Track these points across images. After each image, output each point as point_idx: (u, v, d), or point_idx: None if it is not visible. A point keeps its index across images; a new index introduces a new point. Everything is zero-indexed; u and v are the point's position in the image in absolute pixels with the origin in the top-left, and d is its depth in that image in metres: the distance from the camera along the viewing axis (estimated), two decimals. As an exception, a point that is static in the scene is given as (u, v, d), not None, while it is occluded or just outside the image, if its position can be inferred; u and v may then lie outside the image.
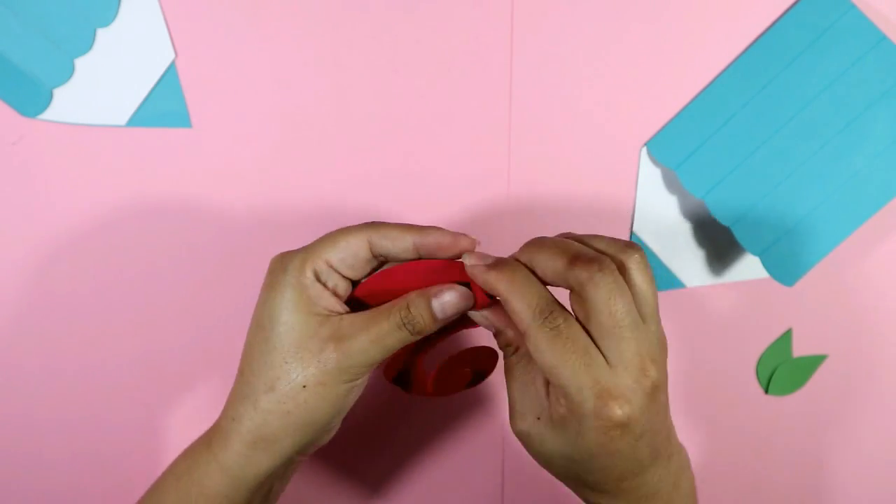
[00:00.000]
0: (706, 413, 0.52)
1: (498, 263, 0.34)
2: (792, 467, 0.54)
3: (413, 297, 0.35)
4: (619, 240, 0.34)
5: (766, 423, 0.53)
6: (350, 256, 0.35)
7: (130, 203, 0.44)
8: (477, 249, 0.35)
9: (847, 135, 0.45)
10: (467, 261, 0.34)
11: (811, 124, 0.45)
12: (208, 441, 0.37)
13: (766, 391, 0.52)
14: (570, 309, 0.33)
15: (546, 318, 0.32)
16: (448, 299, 0.34)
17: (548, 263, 0.33)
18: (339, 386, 0.34)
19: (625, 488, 0.34)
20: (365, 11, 0.42)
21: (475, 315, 0.36)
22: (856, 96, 0.44)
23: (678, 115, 0.46)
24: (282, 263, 0.35)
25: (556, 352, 0.31)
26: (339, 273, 0.35)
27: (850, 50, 0.44)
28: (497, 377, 0.50)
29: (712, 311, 0.50)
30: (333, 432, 0.38)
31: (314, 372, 0.34)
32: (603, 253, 0.33)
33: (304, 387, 0.34)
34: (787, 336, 0.51)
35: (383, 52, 0.43)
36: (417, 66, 0.44)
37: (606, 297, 0.31)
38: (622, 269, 0.33)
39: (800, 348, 0.51)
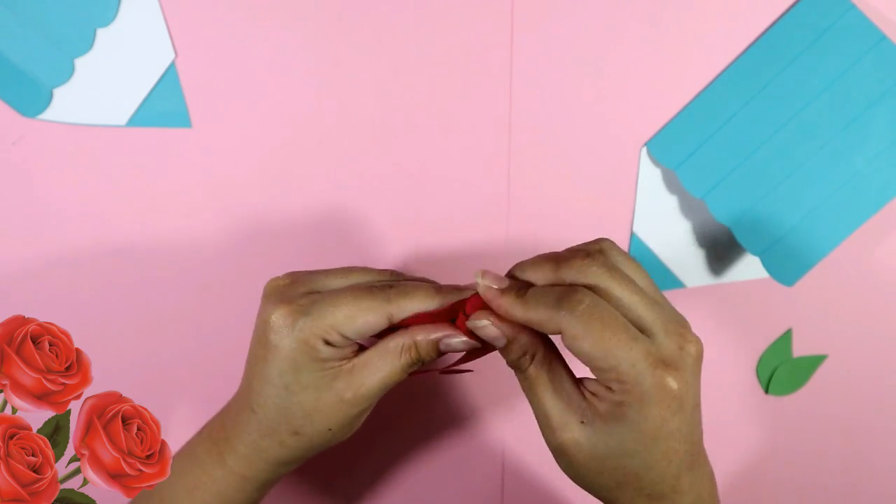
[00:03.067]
0: (706, 413, 0.52)
1: (507, 290, 0.32)
2: (792, 467, 0.54)
3: (422, 338, 0.34)
4: (583, 243, 0.33)
5: (766, 423, 0.53)
6: (369, 330, 0.34)
7: (130, 203, 0.44)
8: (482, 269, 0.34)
9: (847, 135, 0.45)
10: (479, 279, 0.33)
11: (811, 124, 0.45)
12: (220, 458, 0.37)
13: (766, 391, 0.52)
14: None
15: (571, 301, 0.30)
16: (454, 344, 0.34)
17: (536, 274, 0.32)
18: (357, 420, 0.36)
19: (680, 489, 0.32)
20: (365, 12, 0.42)
21: (485, 329, 0.33)
22: (856, 96, 0.44)
23: (678, 115, 0.46)
24: (287, 324, 0.33)
25: (595, 332, 0.29)
26: (352, 341, 0.34)
27: (850, 50, 0.44)
28: (494, 381, 0.50)
29: (712, 311, 0.50)
30: None
31: (336, 418, 0.35)
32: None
33: (329, 429, 0.35)
34: (787, 336, 0.51)
35: (383, 52, 0.43)
36: (417, 66, 0.44)
37: (608, 273, 0.31)
38: (603, 255, 0.32)
39: (800, 348, 0.51)
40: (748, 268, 0.49)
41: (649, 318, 0.30)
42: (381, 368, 0.35)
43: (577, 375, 0.33)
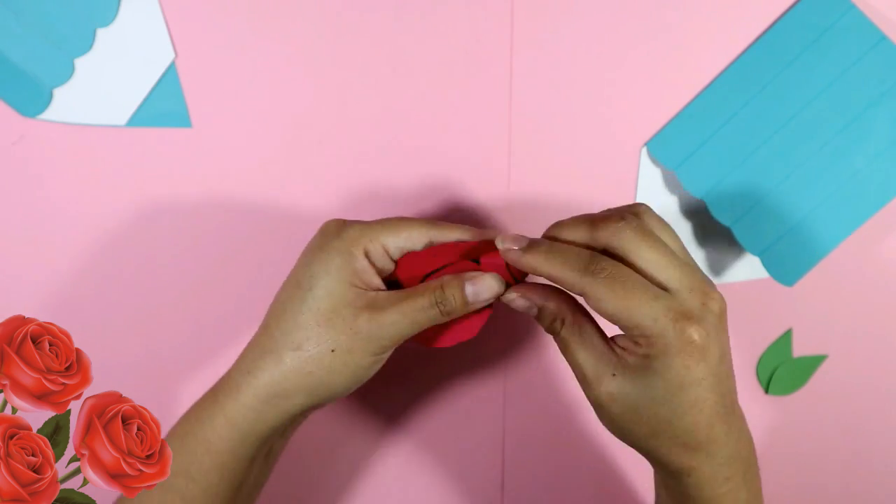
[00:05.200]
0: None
1: (531, 245, 0.34)
2: (792, 467, 0.54)
3: (448, 279, 0.35)
4: (624, 206, 0.35)
5: (766, 423, 0.53)
6: (409, 246, 0.36)
7: (130, 203, 0.44)
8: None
9: (847, 135, 0.45)
10: (501, 244, 0.35)
11: (811, 124, 0.45)
12: (214, 395, 0.37)
13: (766, 391, 0.52)
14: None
15: (594, 267, 0.32)
16: (482, 286, 0.35)
17: (572, 233, 0.34)
18: (365, 357, 0.35)
19: (715, 438, 0.33)
20: (365, 11, 0.42)
21: (516, 301, 0.36)
22: (856, 96, 0.44)
23: (678, 115, 0.46)
24: (337, 229, 0.36)
25: (618, 295, 0.32)
26: (390, 257, 0.36)
27: (850, 50, 0.44)
28: (494, 380, 0.50)
29: (712, 311, 0.50)
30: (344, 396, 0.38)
31: (345, 339, 0.34)
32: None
33: (333, 351, 0.34)
34: (787, 336, 0.51)
35: (383, 51, 0.43)
36: (417, 66, 0.44)
37: (639, 237, 0.33)
38: (639, 218, 0.34)
39: (800, 348, 0.51)
40: (748, 268, 0.49)
41: (675, 277, 0.32)
42: (404, 301, 0.35)
43: (609, 334, 0.35)
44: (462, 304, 0.35)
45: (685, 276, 0.32)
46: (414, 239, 0.36)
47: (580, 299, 0.34)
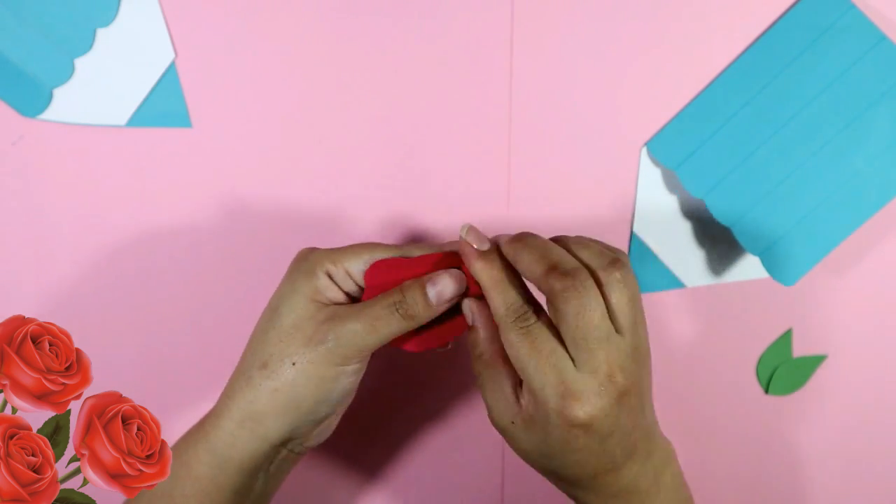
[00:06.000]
0: (706, 413, 0.52)
1: (485, 255, 0.35)
2: (792, 467, 0.54)
3: (408, 283, 0.36)
4: (606, 251, 0.35)
5: (766, 423, 0.53)
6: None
7: (130, 203, 0.44)
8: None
9: (847, 135, 0.45)
10: (464, 234, 0.36)
11: (811, 124, 0.45)
12: (202, 422, 0.37)
13: (766, 391, 0.52)
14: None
15: (519, 316, 0.33)
16: (443, 286, 0.35)
17: (528, 266, 0.34)
18: (328, 368, 0.35)
19: (600, 484, 0.35)
20: (365, 12, 0.42)
21: (464, 304, 0.36)
22: (856, 96, 0.44)
23: (678, 115, 0.46)
24: (304, 254, 0.37)
25: (524, 349, 0.33)
26: (353, 280, 0.37)
27: (850, 50, 0.44)
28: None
29: (712, 311, 0.50)
30: (324, 429, 0.38)
31: (304, 351, 0.35)
32: (586, 264, 0.34)
33: (294, 364, 0.35)
34: (787, 336, 0.51)
35: (383, 52, 0.43)
36: (417, 67, 0.44)
37: (575, 311, 0.32)
38: (598, 282, 0.33)
39: (800, 348, 0.51)
40: (748, 268, 0.49)
41: (583, 358, 0.33)
42: (363, 310, 0.35)
43: None
44: (424, 306, 0.35)
45: (597, 358, 0.32)
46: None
47: None
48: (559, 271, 0.33)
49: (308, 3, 0.42)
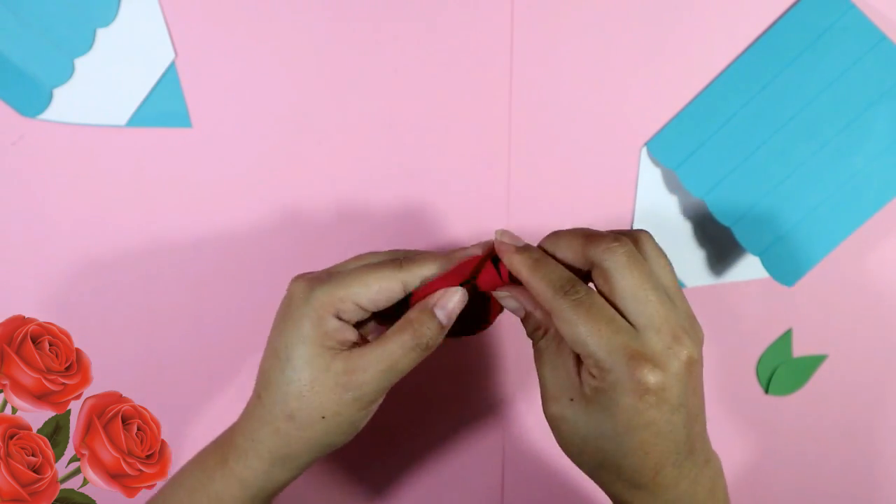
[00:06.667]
0: (706, 413, 0.52)
1: (522, 249, 0.35)
2: (792, 467, 0.54)
3: (415, 314, 0.35)
4: (627, 229, 0.35)
5: (766, 423, 0.53)
6: (384, 299, 0.35)
7: (130, 203, 0.44)
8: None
9: (847, 135, 0.45)
10: (499, 237, 0.35)
11: (811, 124, 0.45)
12: (223, 457, 0.37)
13: (766, 391, 0.52)
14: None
15: (567, 291, 0.32)
16: (450, 305, 0.35)
17: (567, 245, 0.34)
18: (356, 413, 0.35)
19: (661, 482, 0.33)
20: (365, 11, 0.42)
21: (506, 301, 0.36)
22: (856, 96, 0.44)
23: (678, 115, 0.46)
24: (304, 293, 0.35)
25: (582, 321, 0.31)
26: (364, 308, 0.35)
27: (850, 50, 0.44)
28: (494, 381, 0.50)
29: (712, 311, 0.50)
30: None
31: (331, 405, 0.34)
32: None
33: (323, 418, 0.35)
34: (787, 336, 0.51)
35: (383, 52, 0.43)
36: (417, 66, 0.44)
37: (626, 262, 0.32)
38: (636, 244, 0.33)
39: (800, 348, 0.51)
40: (748, 268, 0.49)
41: (646, 314, 0.32)
42: (381, 356, 0.34)
43: None
44: (438, 332, 0.35)
45: (658, 314, 0.32)
46: (386, 289, 0.35)
47: None
48: (598, 235, 0.33)
49: (308, 3, 0.42)
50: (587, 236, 0.33)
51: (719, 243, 0.49)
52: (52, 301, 0.44)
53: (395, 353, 0.34)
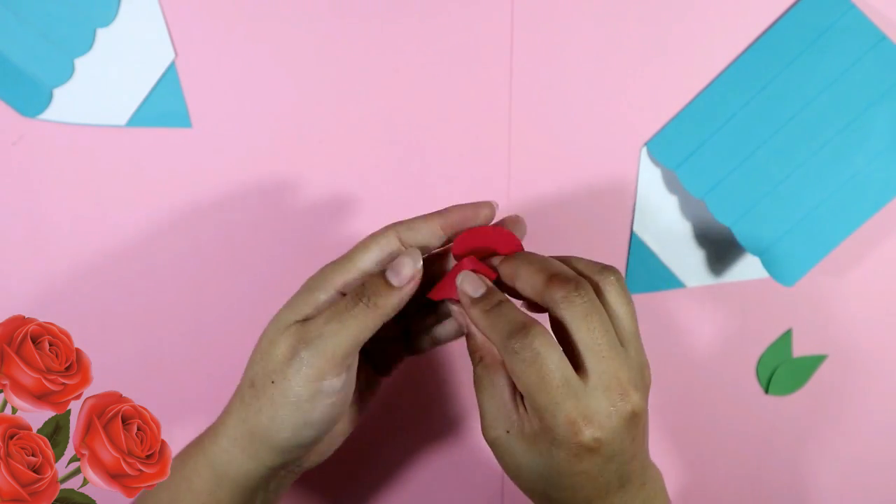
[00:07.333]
0: (706, 413, 0.52)
1: (478, 299, 0.34)
2: (792, 467, 0.54)
3: (367, 278, 0.34)
4: (596, 262, 0.35)
5: (766, 423, 0.53)
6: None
7: (130, 203, 0.44)
8: (494, 223, 0.36)
9: (847, 135, 0.45)
10: (460, 284, 0.35)
11: (811, 124, 0.45)
12: (203, 436, 0.37)
13: (766, 391, 0.52)
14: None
15: (518, 347, 0.32)
16: (400, 266, 0.34)
17: (529, 279, 0.34)
18: (304, 385, 0.33)
19: None
20: (365, 11, 0.42)
21: (455, 312, 0.36)
22: (856, 96, 0.44)
23: (678, 115, 0.46)
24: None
25: (531, 377, 0.31)
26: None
27: (850, 50, 0.44)
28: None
29: (712, 311, 0.50)
30: (322, 452, 0.38)
31: (281, 367, 0.34)
32: (581, 274, 0.33)
33: (273, 382, 0.34)
34: (787, 336, 0.51)
35: (383, 51, 0.43)
36: (417, 66, 0.44)
37: (582, 315, 0.32)
38: (598, 292, 0.33)
39: (800, 348, 0.51)
40: (748, 268, 0.49)
41: (597, 371, 0.32)
42: (327, 312, 0.34)
43: None
44: (385, 289, 0.33)
45: (609, 370, 0.32)
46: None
47: None
48: (560, 279, 0.32)
49: (308, 3, 0.42)
50: (550, 277, 0.33)
51: (719, 243, 0.49)
52: (52, 301, 0.44)
53: (340, 304, 0.33)
